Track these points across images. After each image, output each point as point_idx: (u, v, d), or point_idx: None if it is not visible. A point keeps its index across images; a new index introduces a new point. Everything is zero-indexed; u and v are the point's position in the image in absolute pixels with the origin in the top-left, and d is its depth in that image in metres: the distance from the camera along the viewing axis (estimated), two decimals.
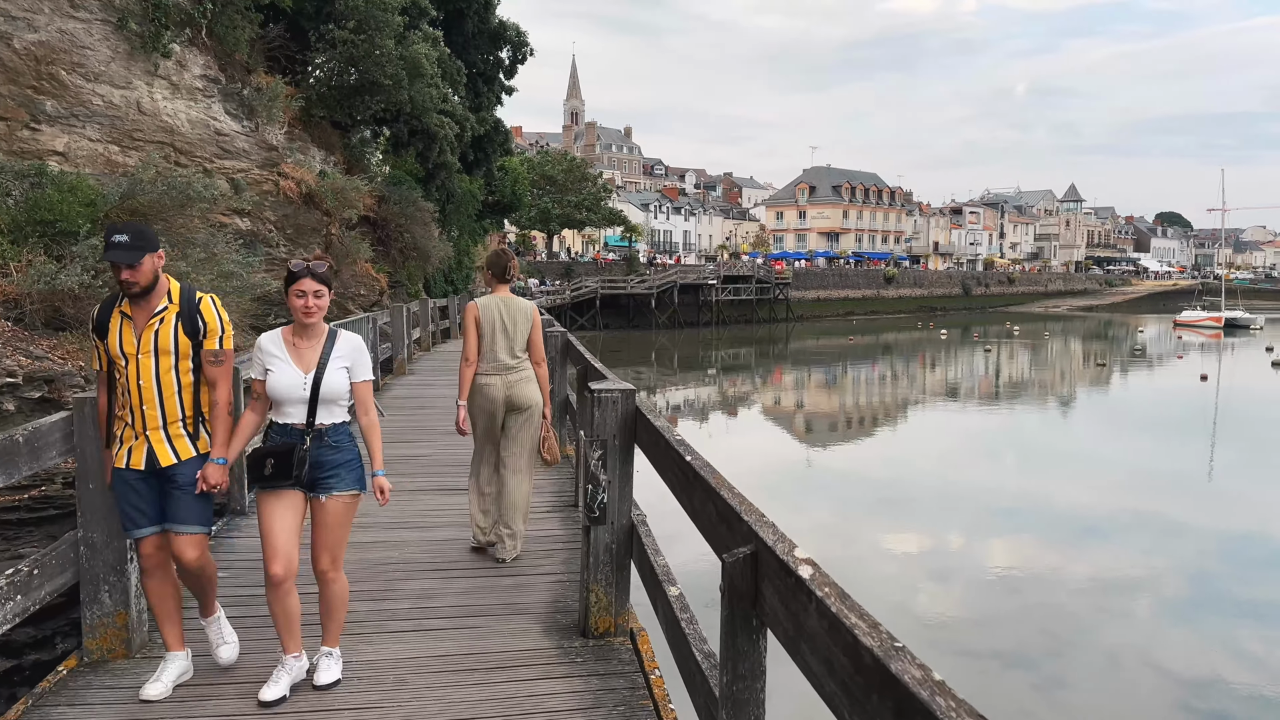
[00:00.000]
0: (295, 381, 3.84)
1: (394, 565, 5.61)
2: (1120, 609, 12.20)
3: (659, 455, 3.60)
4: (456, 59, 25.69)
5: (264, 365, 3.89)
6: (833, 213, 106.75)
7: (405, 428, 10.61)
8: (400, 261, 24.74)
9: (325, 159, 21.42)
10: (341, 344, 3.97)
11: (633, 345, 50.09)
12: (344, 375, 3.94)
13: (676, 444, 3.32)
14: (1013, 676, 10.20)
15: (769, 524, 2.25)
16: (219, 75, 14.98)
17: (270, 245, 15.62)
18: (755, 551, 2.17)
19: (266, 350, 3.91)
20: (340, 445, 3.94)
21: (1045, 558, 14.43)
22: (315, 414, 3.87)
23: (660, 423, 3.77)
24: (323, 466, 3.88)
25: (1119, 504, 17.60)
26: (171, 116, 14.20)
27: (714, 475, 2.82)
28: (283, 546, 3.81)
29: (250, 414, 3.97)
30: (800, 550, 2.02)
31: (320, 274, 3.88)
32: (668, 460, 3.41)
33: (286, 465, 3.79)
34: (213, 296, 4.02)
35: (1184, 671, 10.27)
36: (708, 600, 9.67)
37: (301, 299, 3.84)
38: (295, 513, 3.88)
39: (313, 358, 3.88)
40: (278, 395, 3.85)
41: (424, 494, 7.52)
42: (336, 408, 3.94)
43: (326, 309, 3.93)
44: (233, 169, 15.05)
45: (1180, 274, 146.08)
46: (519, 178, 49.82)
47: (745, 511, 2.38)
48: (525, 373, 5.85)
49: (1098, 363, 42.01)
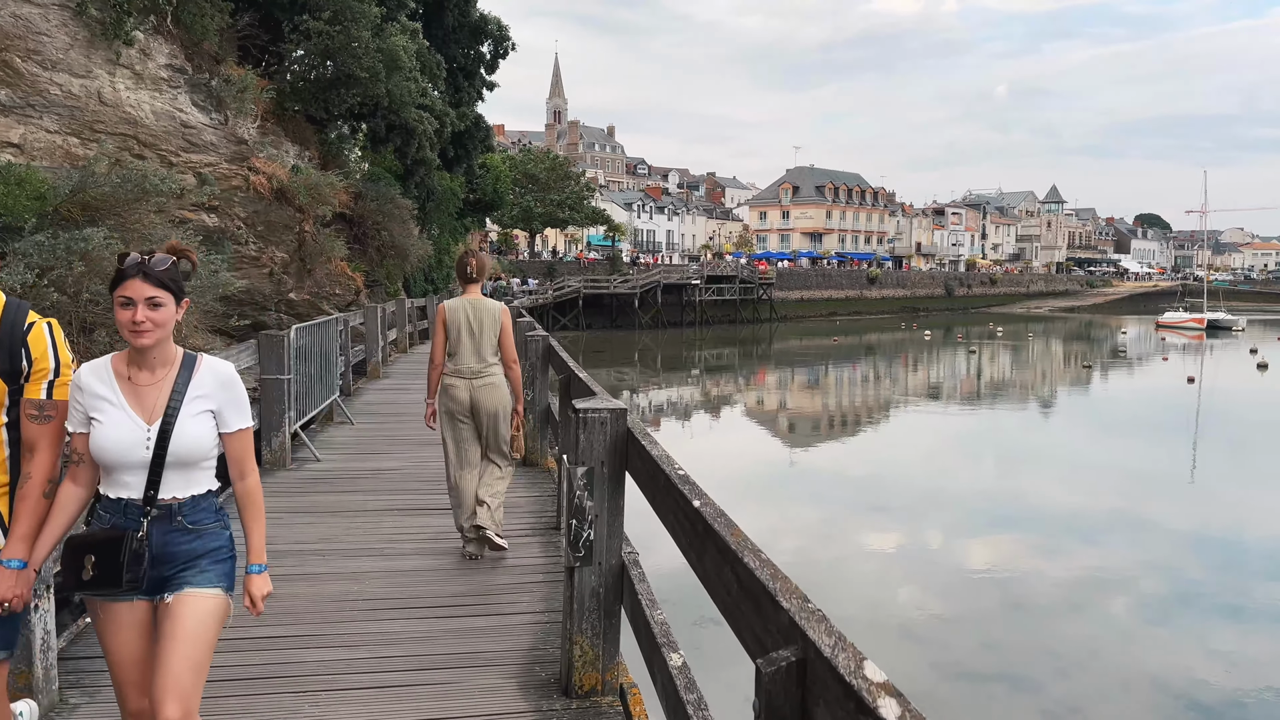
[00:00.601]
0: (132, 437, 2.59)
1: (351, 604, 4.99)
2: (1116, 608, 11.84)
3: (657, 492, 3.03)
4: (436, 53, 25.04)
5: (86, 412, 2.63)
6: (816, 213, 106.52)
7: (374, 437, 10.05)
8: (378, 260, 24.06)
9: (300, 154, 20.73)
10: (203, 377, 2.70)
11: (616, 345, 49.57)
12: (207, 424, 2.68)
13: (679, 481, 2.74)
14: (990, 671, 10.01)
15: (818, 616, 1.67)
16: (185, 65, 14.30)
17: (239, 243, 14.94)
18: (803, 660, 1.60)
19: (89, 389, 2.63)
20: (201, 527, 2.67)
21: (1037, 559, 14.10)
22: (161, 483, 2.61)
23: (658, 451, 3.18)
24: (172, 560, 2.62)
25: (1111, 506, 17.32)
26: (134, 107, 13.52)
27: (732, 530, 2.23)
28: (137, 678, 2.70)
29: (70, 486, 2.67)
30: (873, 667, 1.45)
31: (158, 274, 2.57)
32: (668, 501, 2.84)
33: (114, 565, 2.54)
34: (51, 322, 2.79)
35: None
36: (698, 618, 9.07)
37: (128, 310, 2.55)
38: (142, 630, 2.70)
39: (158, 399, 2.63)
40: (107, 457, 2.59)
41: (390, 515, 6.87)
42: (196, 473, 2.68)
43: (170, 327, 2.65)
44: (200, 163, 14.37)
45: (1160, 275, 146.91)
46: (501, 175, 49.14)
47: (783, 593, 1.79)
48: (493, 377, 5.80)
49: (1083, 364, 41.75)
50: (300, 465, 8.37)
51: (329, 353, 9.65)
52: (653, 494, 3.11)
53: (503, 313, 5.91)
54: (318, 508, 6.97)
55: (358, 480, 7.86)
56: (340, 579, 5.38)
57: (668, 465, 2.97)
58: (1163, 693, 9.61)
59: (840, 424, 28.09)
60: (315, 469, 8.26)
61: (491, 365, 5.81)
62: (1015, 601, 12.26)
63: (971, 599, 12.36)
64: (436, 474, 7.88)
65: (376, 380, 15.05)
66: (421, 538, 6.26)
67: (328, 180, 17.98)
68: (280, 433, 8.09)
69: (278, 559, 5.46)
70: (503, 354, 5.86)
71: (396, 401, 12.85)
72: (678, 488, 2.70)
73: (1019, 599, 12.35)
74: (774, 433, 26.85)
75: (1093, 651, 10.51)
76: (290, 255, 17.26)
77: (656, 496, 3.04)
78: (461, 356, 5.76)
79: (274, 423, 8.06)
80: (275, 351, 7.89)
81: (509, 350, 5.89)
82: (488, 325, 5.78)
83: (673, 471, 2.88)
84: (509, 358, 5.89)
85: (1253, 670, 10.13)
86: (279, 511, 6.71)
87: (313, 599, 4.96)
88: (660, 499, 2.97)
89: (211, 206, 14.10)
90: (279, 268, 16.69)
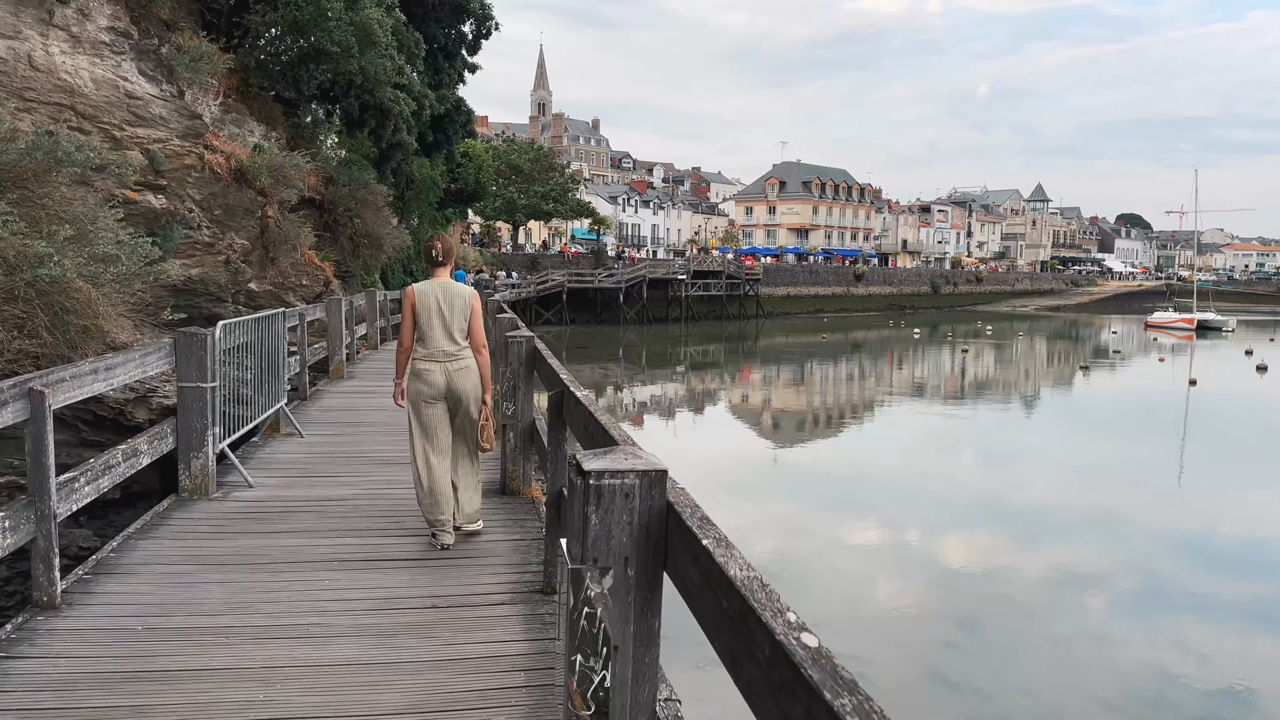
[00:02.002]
0: None
1: None
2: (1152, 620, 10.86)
3: (715, 616, 1.74)
4: (415, 30, 23.60)
5: None
6: (802, 209, 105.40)
7: (325, 455, 8.37)
8: (350, 250, 22.64)
9: (266, 135, 19.30)
10: None
11: (600, 341, 48.39)
12: None
13: (765, 610, 1.48)
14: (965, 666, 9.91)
15: None
16: (130, 29, 12.86)
17: (191, 227, 13.53)
18: None
19: None
20: None
21: (1072, 574, 13.23)
22: None
23: (724, 555, 1.88)
24: None
25: (1132, 510, 16.66)
26: (72, 74, 12.10)
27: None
28: None
29: None
30: None
31: None
32: (742, 634, 1.57)
33: None
34: None
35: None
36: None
37: None
38: None
39: None
40: None
41: (329, 570, 5.24)
42: None
43: None
44: (148, 138, 12.95)
45: (1144, 275, 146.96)
46: (484, 165, 47.68)
47: None
48: (466, 361, 5.87)
49: (1081, 365, 40.79)
50: (228, 493, 6.86)
51: (273, 352, 8.23)
52: (701, 607, 1.83)
53: (472, 296, 5.92)
54: (234, 557, 5.48)
55: (294, 516, 6.37)
56: (241, 681, 3.83)
57: (748, 584, 1.67)
58: (1137, 690, 9.49)
59: (831, 423, 27.18)
60: (244, 499, 6.73)
61: (464, 348, 5.85)
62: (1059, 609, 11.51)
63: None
64: (396, 506, 6.57)
65: (339, 382, 13.63)
66: (367, 607, 4.72)
67: (293, 161, 16.58)
68: (202, 453, 6.60)
69: (157, 644, 4.16)
70: (472, 338, 5.90)
71: (358, 408, 11.34)
72: (766, 626, 1.41)
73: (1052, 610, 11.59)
74: (759, 430, 26.45)
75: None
76: (251, 242, 15.86)
77: (713, 620, 1.76)
78: (434, 339, 5.77)
79: (193, 441, 6.52)
80: (196, 353, 6.35)
81: (478, 334, 5.93)
82: (458, 308, 5.81)
83: (755, 599, 1.60)
84: (478, 342, 5.93)
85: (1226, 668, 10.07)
86: (181, 562, 5.33)
87: (197, 711, 3.52)
88: (714, 622, 1.68)
89: (158, 186, 12.69)
90: (239, 255, 15.30)
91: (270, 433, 8.79)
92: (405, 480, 6.76)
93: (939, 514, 16.21)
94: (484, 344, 5.96)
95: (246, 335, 7.35)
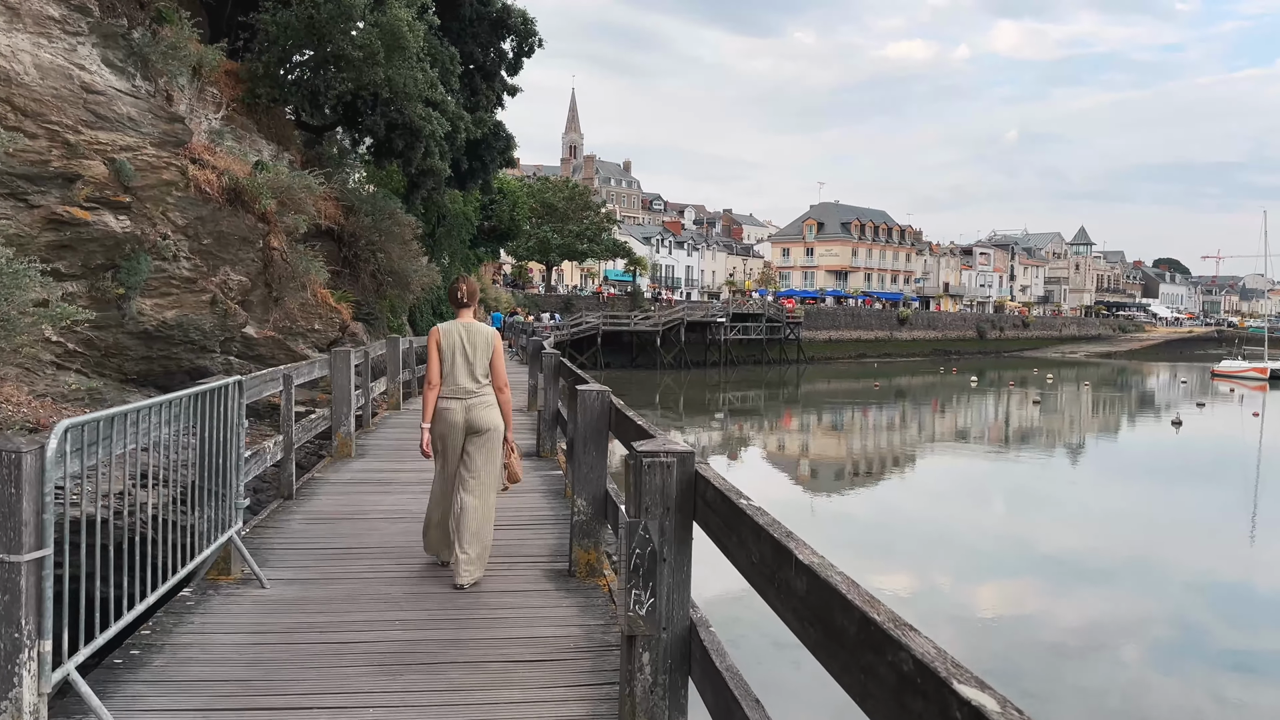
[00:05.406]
0: None
1: None
2: None
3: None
4: (450, 46, 20.93)
5: None
6: (841, 250, 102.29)
7: (292, 643, 4.59)
8: (373, 288, 19.78)
9: (277, 154, 16.55)
10: None
11: (636, 386, 45.48)
12: None
13: None
14: None
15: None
16: (89, 4, 10.09)
17: (165, 258, 10.67)
18: None
19: None
20: None
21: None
22: None
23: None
24: None
25: None
26: (9, 58, 9.33)
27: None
28: None
29: None
30: None
31: None
32: None
33: None
34: None
35: None
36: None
37: None
38: None
39: None
40: None
41: None
42: None
43: None
44: (111, 144, 10.13)
45: (1191, 320, 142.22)
46: (519, 201, 45.14)
47: None
48: (486, 398, 5.87)
49: (1173, 421, 37.21)
50: None
51: (219, 447, 5.01)
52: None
53: (494, 336, 5.98)
54: None
55: None
56: None
57: None
58: None
59: (938, 493, 23.90)
60: None
61: (485, 386, 5.87)
62: None
63: None
64: None
65: (344, 463, 9.85)
66: None
67: (304, 182, 13.75)
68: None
69: None
70: (493, 378, 5.93)
71: (365, 512, 7.60)
72: None
73: None
74: (800, 482, 24.47)
75: None
76: (251, 279, 13.00)
77: None
78: (456, 378, 5.78)
79: None
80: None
81: (499, 374, 5.95)
82: (481, 348, 5.85)
83: None
84: (499, 382, 5.95)
85: None
86: None
87: None
88: None
89: (119, 204, 9.83)
90: (233, 294, 12.42)
91: (215, 577, 5.48)
92: None
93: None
94: (505, 384, 5.97)
95: (134, 430, 4.04)
